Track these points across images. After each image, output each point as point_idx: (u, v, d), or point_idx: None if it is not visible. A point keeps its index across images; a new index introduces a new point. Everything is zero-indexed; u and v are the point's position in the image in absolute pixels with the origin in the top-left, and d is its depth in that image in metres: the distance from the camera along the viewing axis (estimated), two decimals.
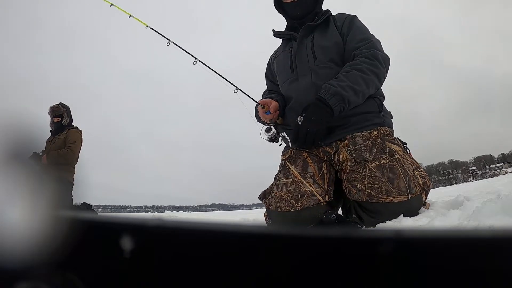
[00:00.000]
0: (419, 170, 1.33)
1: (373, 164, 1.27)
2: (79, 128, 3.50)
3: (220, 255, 0.21)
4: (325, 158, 1.41)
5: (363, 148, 1.32)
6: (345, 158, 1.35)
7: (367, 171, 1.27)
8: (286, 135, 1.43)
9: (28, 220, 0.21)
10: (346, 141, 1.36)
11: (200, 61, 1.68)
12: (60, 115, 3.39)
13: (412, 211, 1.24)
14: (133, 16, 1.97)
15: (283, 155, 1.52)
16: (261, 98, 1.60)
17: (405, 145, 1.41)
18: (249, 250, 0.20)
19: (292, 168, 1.40)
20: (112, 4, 2.01)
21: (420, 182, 1.28)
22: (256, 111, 1.54)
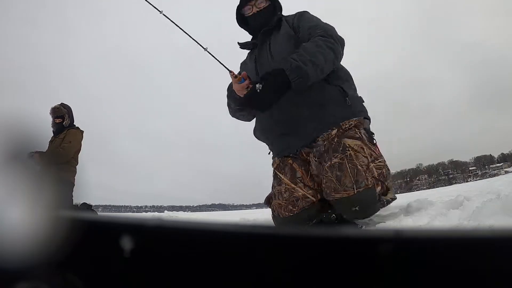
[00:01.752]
0: (377, 162, 1.38)
1: (327, 164, 1.36)
2: (80, 128, 3.51)
3: (220, 255, 0.21)
4: (309, 158, 1.50)
5: (322, 149, 1.43)
6: (313, 161, 1.46)
7: (323, 171, 1.37)
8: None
9: (28, 220, 0.21)
10: (314, 144, 1.46)
11: (164, 15, 1.63)
12: (61, 116, 3.41)
13: (366, 204, 1.32)
14: None
15: (272, 164, 1.62)
16: (228, 92, 1.64)
17: (372, 135, 1.48)
18: (249, 250, 0.20)
19: (282, 176, 1.51)
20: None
21: (375, 173, 1.34)
22: (230, 91, 1.57)
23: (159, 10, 1.65)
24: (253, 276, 0.20)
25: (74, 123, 3.51)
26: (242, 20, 1.69)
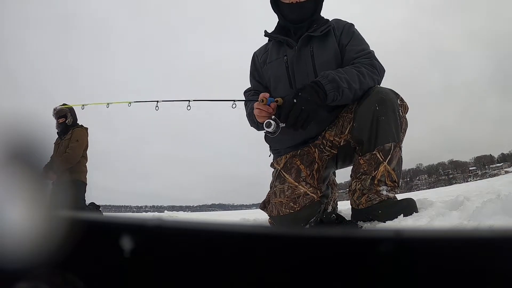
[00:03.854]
0: None
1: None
2: (84, 126, 3.53)
3: (220, 255, 0.21)
4: (316, 153, 1.50)
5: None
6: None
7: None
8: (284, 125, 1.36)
9: (28, 220, 0.21)
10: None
11: (194, 100, 1.59)
12: (64, 116, 3.43)
13: None
14: (111, 103, 1.92)
15: (276, 163, 1.57)
16: (245, 97, 1.60)
17: None
18: (249, 250, 0.20)
19: (287, 176, 1.49)
20: (83, 106, 2.00)
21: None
22: (250, 115, 1.50)
23: (189, 100, 1.61)
24: (253, 276, 0.20)
25: (78, 122, 3.54)
26: (276, 3, 1.52)
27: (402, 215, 1.21)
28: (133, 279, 0.22)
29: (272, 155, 1.63)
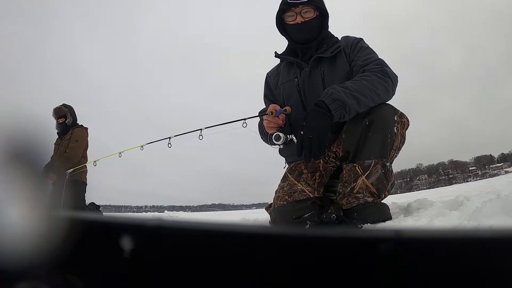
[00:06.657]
0: None
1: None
2: (84, 126, 3.53)
3: (220, 255, 0.21)
4: (321, 163, 1.52)
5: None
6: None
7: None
8: (294, 137, 1.43)
9: (28, 220, 0.21)
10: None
11: (206, 127, 1.61)
12: (64, 116, 3.43)
13: None
14: (124, 152, 1.93)
15: (286, 167, 1.64)
16: (260, 118, 1.62)
17: None
18: (249, 250, 0.20)
19: (290, 176, 1.53)
20: (95, 162, 2.02)
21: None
22: (261, 127, 1.56)
23: (201, 129, 1.63)
24: (253, 276, 0.20)
25: (78, 122, 3.54)
26: (282, 25, 1.52)
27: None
28: (133, 279, 0.22)
29: (287, 166, 1.67)
